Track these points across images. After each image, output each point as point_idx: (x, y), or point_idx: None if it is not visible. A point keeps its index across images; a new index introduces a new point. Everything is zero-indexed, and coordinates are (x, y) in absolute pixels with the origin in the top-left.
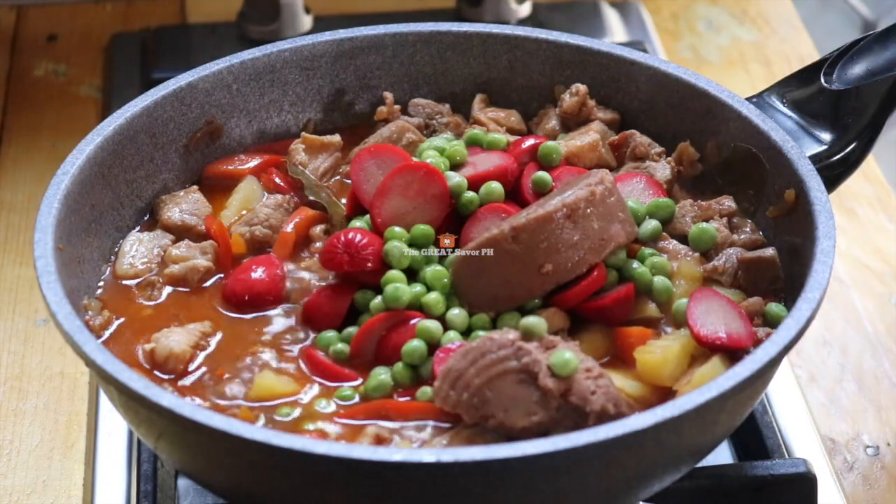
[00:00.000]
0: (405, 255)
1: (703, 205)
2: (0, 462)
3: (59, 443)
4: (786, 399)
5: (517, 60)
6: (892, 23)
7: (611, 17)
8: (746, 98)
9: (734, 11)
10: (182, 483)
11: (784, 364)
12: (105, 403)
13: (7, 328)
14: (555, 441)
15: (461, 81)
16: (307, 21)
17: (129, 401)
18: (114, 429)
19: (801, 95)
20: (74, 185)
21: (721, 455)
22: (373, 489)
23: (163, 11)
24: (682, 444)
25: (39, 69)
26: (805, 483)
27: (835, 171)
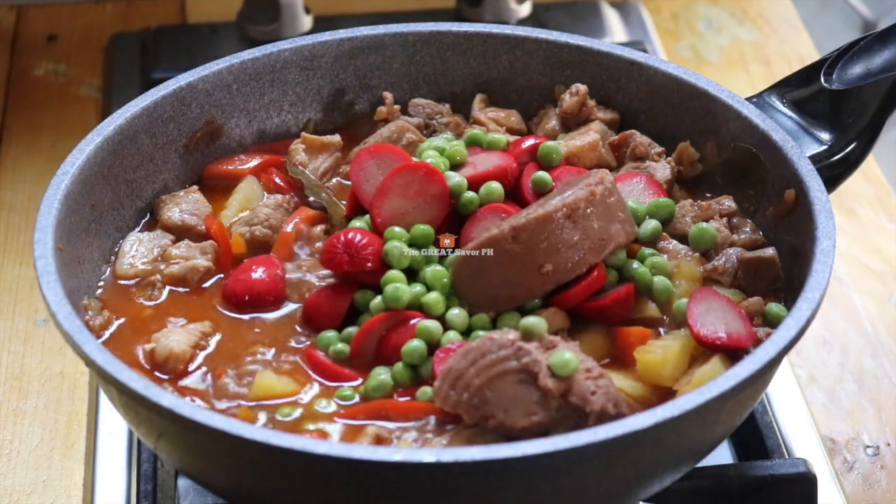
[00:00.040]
0: (405, 255)
1: (703, 205)
2: (0, 462)
3: (59, 443)
4: (786, 399)
5: (517, 60)
6: (892, 23)
7: (611, 17)
8: (746, 98)
9: (734, 11)
10: (182, 483)
11: (784, 364)
12: (105, 403)
13: (7, 328)
14: (555, 441)
15: (461, 81)
16: (307, 21)
17: (129, 401)
18: (114, 429)
19: (801, 95)
20: (74, 185)
21: (721, 455)
22: (373, 489)
23: (163, 11)
24: (682, 444)
25: (39, 69)
26: (805, 483)
27: (835, 171)
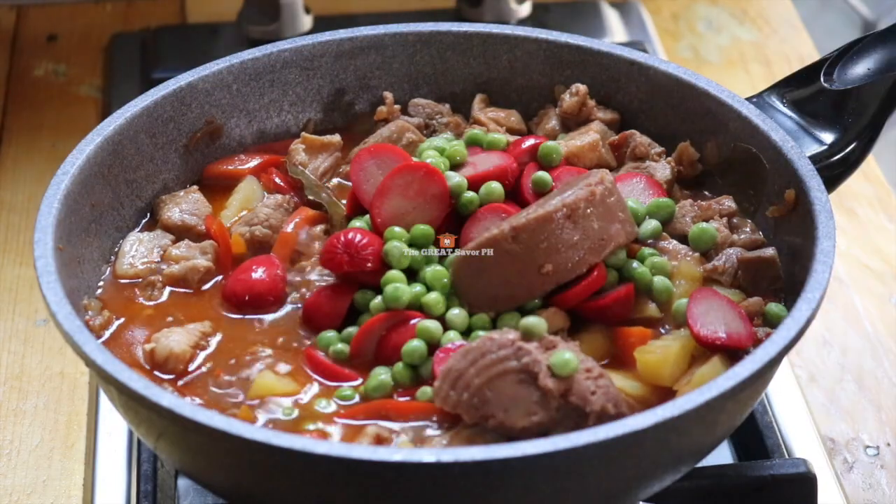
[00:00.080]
0: (405, 255)
1: (703, 205)
2: (0, 462)
3: (59, 443)
4: (786, 399)
5: (517, 60)
6: (892, 23)
7: (611, 17)
8: (746, 98)
9: (734, 11)
10: (182, 483)
11: (784, 364)
12: (105, 403)
13: (7, 328)
14: (555, 441)
15: (461, 81)
16: (307, 21)
17: (129, 401)
18: (114, 429)
19: (801, 95)
20: (74, 185)
21: (721, 455)
22: (373, 489)
23: (163, 11)
24: (682, 444)
25: (39, 69)
26: (805, 483)
27: (835, 171)
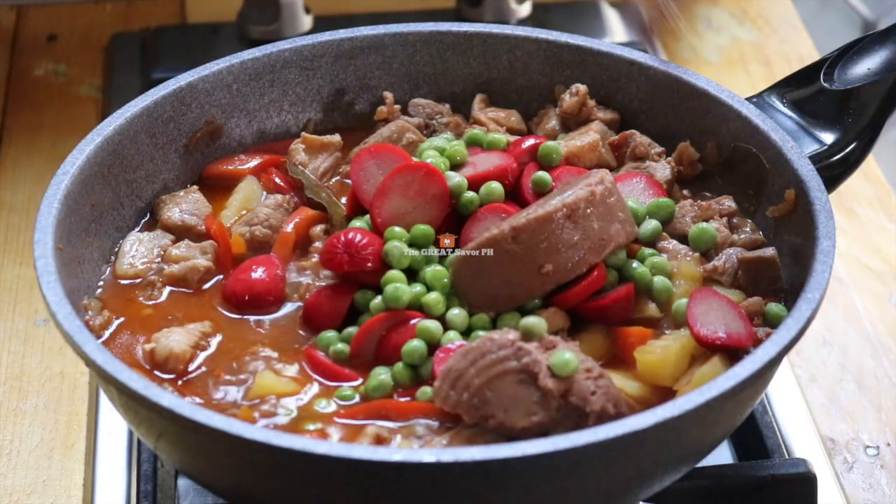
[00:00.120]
0: (405, 255)
1: (703, 205)
2: (0, 462)
3: (59, 443)
4: (786, 399)
5: (517, 60)
6: (892, 23)
7: (611, 17)
8: (746, 98)
9: (734, 11)
10: (182, 483)
11: (784, 364)
12: (105, 403)
13: (7, 328)
14: (555, 441)
15: (461, 81)
16: (307, 21)
17: (129, 401)
18: (114, 429)
19: (801, 95)
20: (74, 185)
21: (721, 455)
22: (373, 489)
23: (163, 11)
24: (682, 444)
25: (39, 69)
26: (805, 483)
27: (835, 171)
